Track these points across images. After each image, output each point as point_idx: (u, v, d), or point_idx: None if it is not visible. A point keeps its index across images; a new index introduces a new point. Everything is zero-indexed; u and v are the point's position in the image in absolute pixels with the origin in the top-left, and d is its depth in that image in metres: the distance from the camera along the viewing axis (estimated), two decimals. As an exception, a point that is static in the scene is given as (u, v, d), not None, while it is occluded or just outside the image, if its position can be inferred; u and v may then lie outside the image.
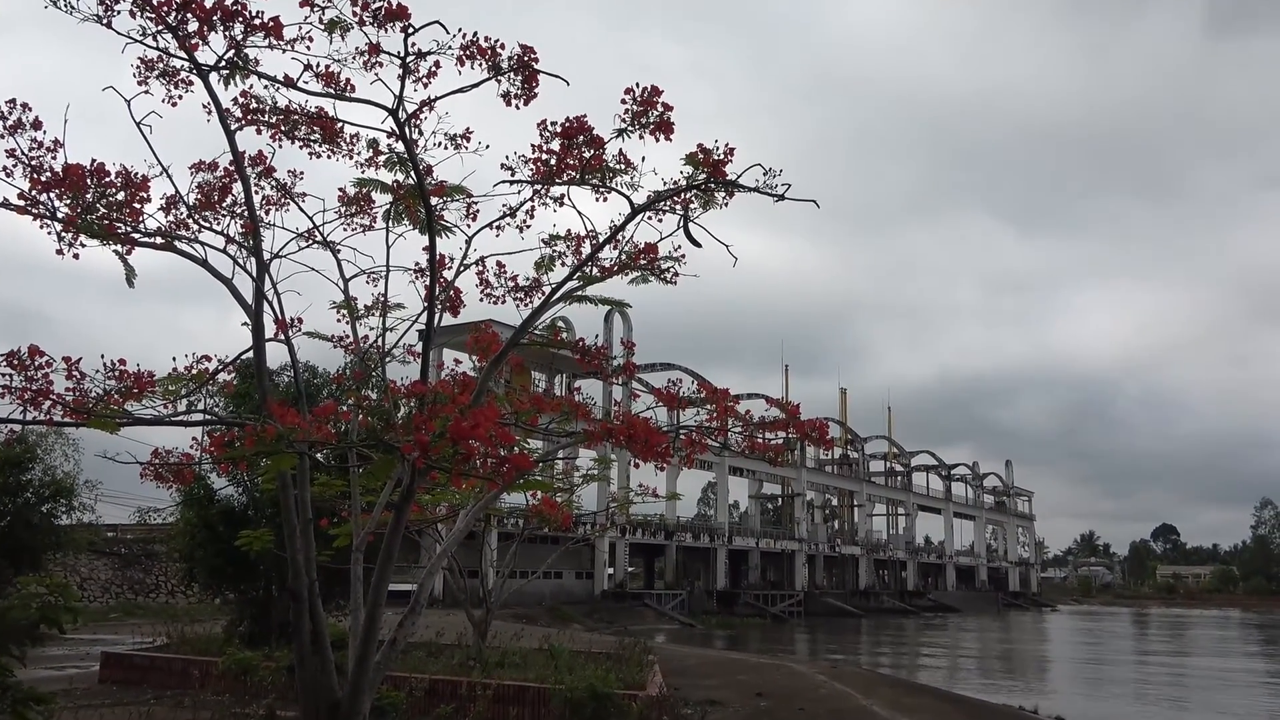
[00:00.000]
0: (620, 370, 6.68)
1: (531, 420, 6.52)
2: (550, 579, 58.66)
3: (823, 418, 6.94)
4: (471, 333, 7.34)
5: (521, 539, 14.41)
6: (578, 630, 47.67)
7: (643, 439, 4.50)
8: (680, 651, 24.48)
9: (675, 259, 6.57)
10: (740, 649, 40.46)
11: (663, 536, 69.22)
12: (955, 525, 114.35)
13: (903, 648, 48.85)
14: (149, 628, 25.09)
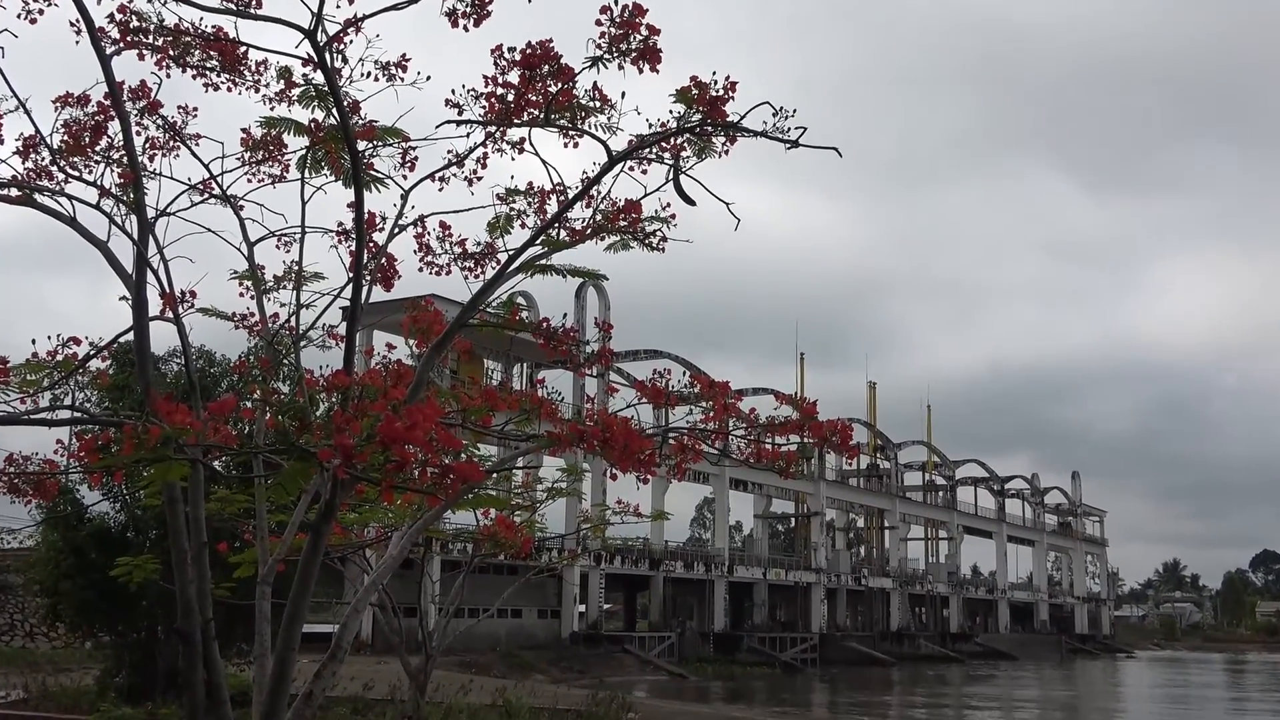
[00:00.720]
0: (595, 358, 6.70)
1: (483, 420, 6.53)
2: (507, 618, 58.77)
3: (846, 418, 6.98)
4: (408, 310, 7.33)
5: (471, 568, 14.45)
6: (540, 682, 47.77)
7: (622, 444, 4.52)
8: (668, 709, 24.66)
9: (663, 220, 6.58)
10: (743, 705, 40.65)
11: (647, 565, 69.43)
12: (1010, 552, 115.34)
13: (943, 705, 49.27)
14: (1, 679, 24.99)
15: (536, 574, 19.06)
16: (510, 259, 6.01)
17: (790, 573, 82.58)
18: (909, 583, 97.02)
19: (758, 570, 79.95)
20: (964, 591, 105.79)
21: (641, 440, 4.67)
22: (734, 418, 7.36)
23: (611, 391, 7.52)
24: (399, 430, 3.22)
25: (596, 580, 63.94)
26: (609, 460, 4.71)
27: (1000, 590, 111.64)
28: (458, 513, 12.18)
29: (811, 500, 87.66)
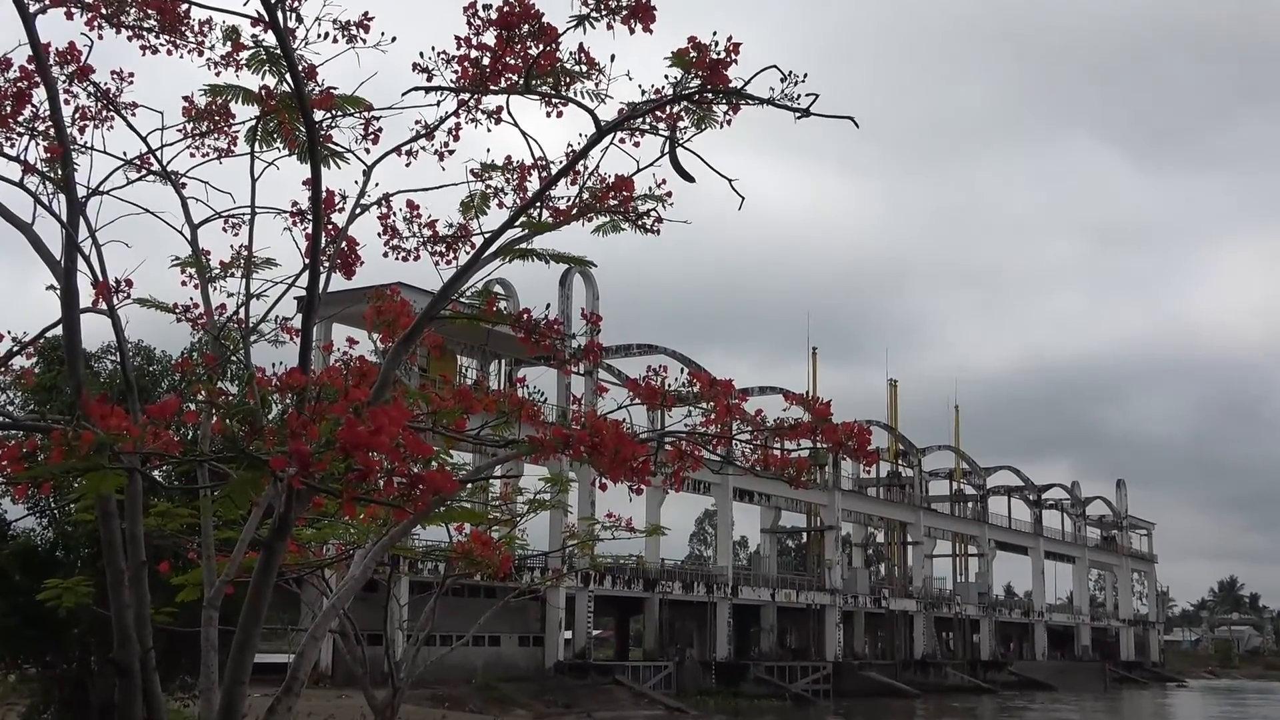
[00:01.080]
0: (581, 354, 6.70)
1: (457, 424, 6.53)
2: (484, 646, 58.83)
3: (864, 421, 6.99)
4: (372, 301, 7.32)
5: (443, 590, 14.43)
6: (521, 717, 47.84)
7: (612, 449, 4.53)
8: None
9: (658, 198, 6.58)
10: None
11: (641, 587, 69.54)
12: (1048, 570, 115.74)
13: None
14: (-84, 716, 24.97)
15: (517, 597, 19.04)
16: (486, 242, 6.00)
17: (802, 594, 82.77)
18: (935, 605, 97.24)
19: (765, 591, 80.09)
20: (996, 614, 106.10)
21: (634, 445, 4.67)
22: (738, 420, 7.36)
23: (600, 391, 7.53)
24: (362, 435, 3.22)
25: (584, 603, 64.02)
26: (598, 468, 4.71)
27: (1037, 613, 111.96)
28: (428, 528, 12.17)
29: (825, 513, 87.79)
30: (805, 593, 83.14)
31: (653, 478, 6.14)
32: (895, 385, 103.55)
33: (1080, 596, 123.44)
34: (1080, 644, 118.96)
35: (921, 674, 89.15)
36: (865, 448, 6.83)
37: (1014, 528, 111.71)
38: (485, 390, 7.33)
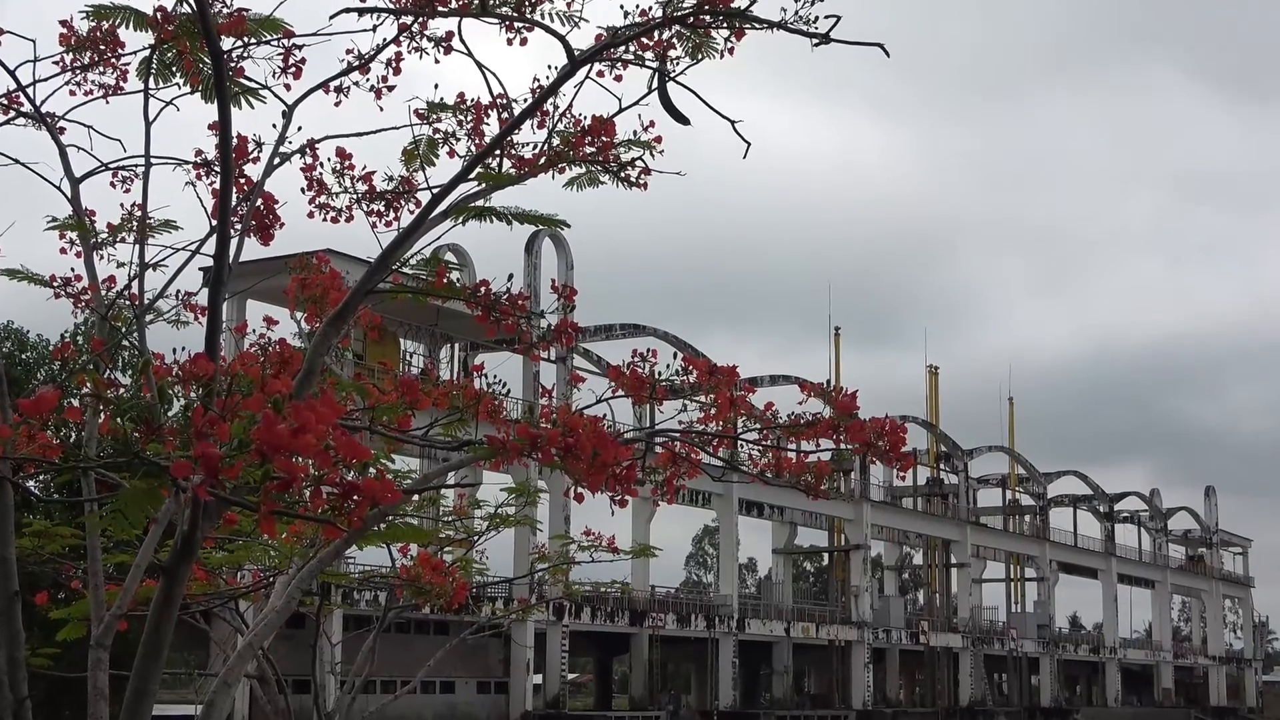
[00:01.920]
0: (552, 336, 6.70)
1: (400, 422, 6.52)
2: (435, 693, 58.94)
3: (898, 416, 7.01)
4: (294, 272, 7.31)
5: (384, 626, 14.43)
6: (482, 780, 47.93)
7: (590, 452, 4.53)
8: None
9: (644, 145, 6.57)
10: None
11: (627, 620, 69.69)
12: (1122, 596, 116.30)
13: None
14: None
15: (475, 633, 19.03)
16: (434, 199, 5.98)
17: (823, 628, 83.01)
18: (985, 640, 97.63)
19: (778, 625, 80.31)
20: (1059, 651, 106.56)
21: (617, 447, 4.67)
22: (744, 416, 7.37)
23: (576, 381, 7.53)
24: (283, 435, 3.21)
25: (557, 640, 64.13)
26: (572, 475, 4.71)
27: (1109, 649, 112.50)
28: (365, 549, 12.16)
29: (851, 529, 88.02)
30: (827, 626, 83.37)
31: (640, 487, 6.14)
32: (936, 373, 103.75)
33: (1161, 629, 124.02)
34: (1161, 686, 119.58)
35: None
36: (899, 449, 6.83)
37: (1081, 546, 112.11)
38: (435, 381, 7.32)
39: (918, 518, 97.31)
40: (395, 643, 53.24)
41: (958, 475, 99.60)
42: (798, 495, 30.15)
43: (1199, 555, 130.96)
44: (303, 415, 3.19)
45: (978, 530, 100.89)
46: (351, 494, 3.32)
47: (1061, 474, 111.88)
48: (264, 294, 45.31)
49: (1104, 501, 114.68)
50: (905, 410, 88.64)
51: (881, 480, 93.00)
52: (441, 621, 56.44)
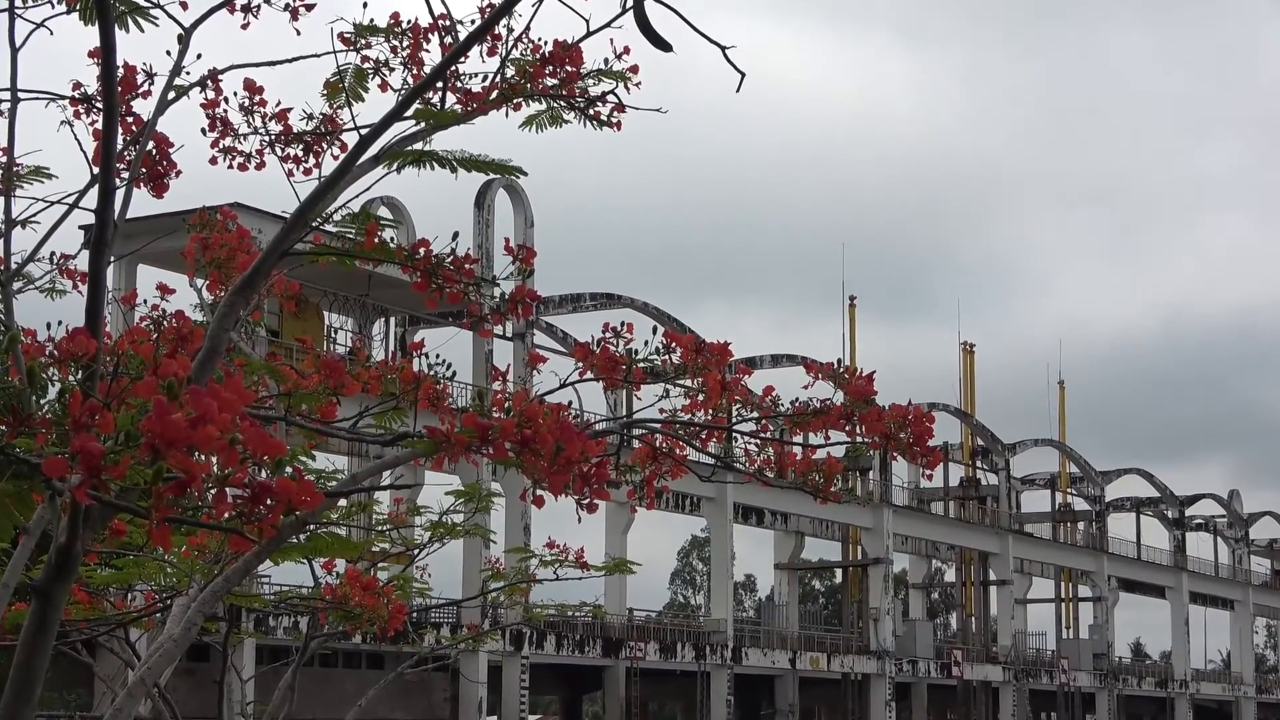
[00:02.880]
0: (506, 306, 6.71)
1: (323, 411, 6.53)
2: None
3: (924, 404, 7.04)
4: (194, 230, 7.30)
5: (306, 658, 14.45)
6: (425, 843, 48.02)
7: (552, 447, 4.53)
8: None
9: (617, 76, 6.58)
10: None
11: (600, 650, 69.91)
12: (1195, 619, 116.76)
13: None
14: None
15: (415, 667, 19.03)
16: (363, 142, 5.98)
17: (836, 658, 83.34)
18: (1030, 672, 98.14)
19: (782, 655, 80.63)
20: (1120, 685, 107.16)
21: (585, 441, 4.67)
22: (739, 403, 7.40)
23: (535, 362, 7.55)
24: (179, 426, 3.20)
25: (515, 675, 64.29)
26: (531, 475, 4.71)
27: (1179, 682, 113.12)
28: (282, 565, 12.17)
29: (869, 540, 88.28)
30: (840, 656, 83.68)
31: (613, 489, 6.14)
32: (971, 352, 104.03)
33: (1242, 658, 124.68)
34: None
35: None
36: (925, 442, 6.87)
37: (1145, 559, 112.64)
38: (365, 362, 7.34)
39: (949, 526, 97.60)
40: (319, 677, 53.35)
41: (997, 475, 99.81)
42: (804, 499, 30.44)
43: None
44: (203, 402, 3.19)
45: (1021, 541, 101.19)
46: (263, 497, 3.32)
47: (1122, 473, 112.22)
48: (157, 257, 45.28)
49: (1173, 506, 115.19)
50: (934, 397, 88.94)
51: (906, 481, 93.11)
52: (375, 653, 56.59)
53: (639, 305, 66.80)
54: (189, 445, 3.17)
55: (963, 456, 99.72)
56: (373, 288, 54.23)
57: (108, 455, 3.26)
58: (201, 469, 3.29)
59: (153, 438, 3.20)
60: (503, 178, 7.08)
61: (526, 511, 60.74)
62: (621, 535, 76.86)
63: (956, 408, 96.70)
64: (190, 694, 47.78)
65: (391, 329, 63.14)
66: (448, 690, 62.23)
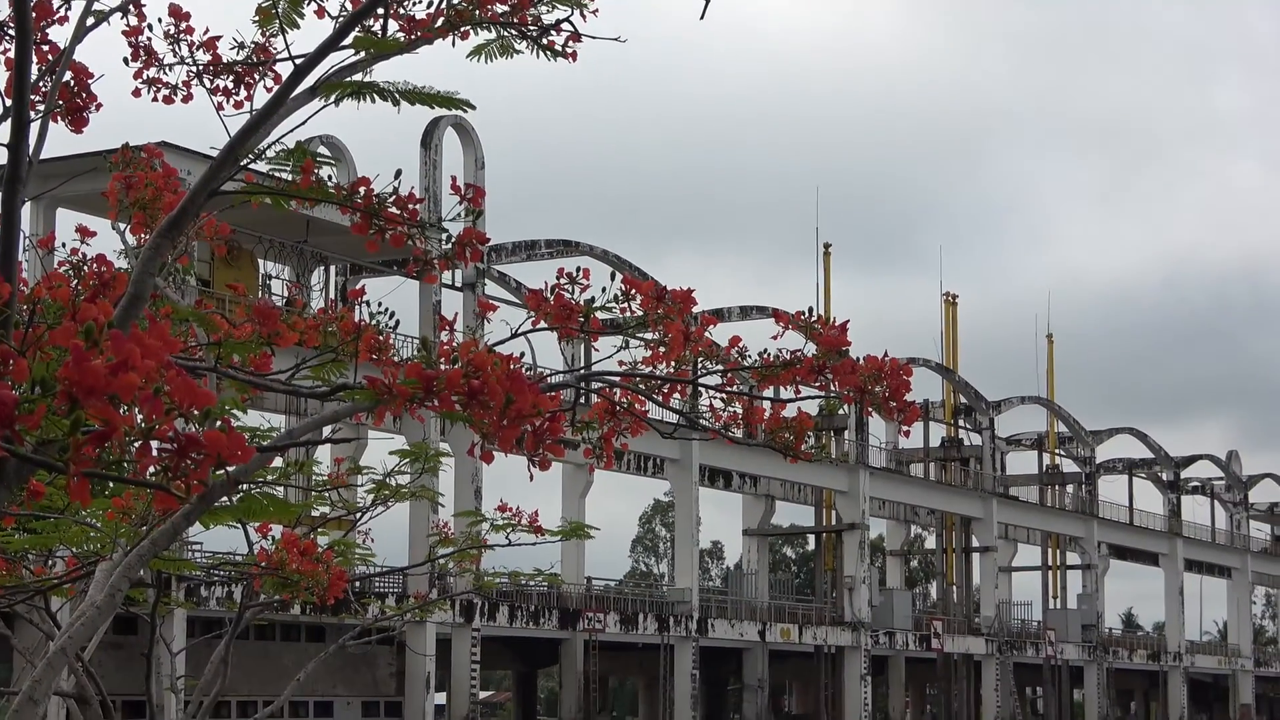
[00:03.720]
0: (454, 250, 6.68)
1: (256, 362, 6.51)
2: (309, 716, 59.09)
3: (903, 359, 7.04)
4: (116, 169, 7.26)
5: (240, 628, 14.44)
6: (369, 827, 48.19)
7: (502, 400, 4.52)
8: None
9: (572, 2, 6.55)
10: None
11: (556, 622, 70.07)
12: (1190, 588, 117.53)
13: None
14: None
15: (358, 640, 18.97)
16: (298, 72, 5.95)
17: (808, 630, 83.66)
18: (1015, 644, 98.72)
19: (750, 627, 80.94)
20: (1110, 658, 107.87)
21: (537, 394, 4.66)
22: (704, 356, 7.40)
23: (485, 310, 7.52)
24: (98, 374, 3.18)
25: (466, 648, 64.37)
26: (479, 430, 4.69)
27: (1172, 654, 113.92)
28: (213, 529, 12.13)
29: (844, 504, 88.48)
30: (813, 628, 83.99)
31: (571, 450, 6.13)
32: (954, 304, 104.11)
33: (1239, 629, 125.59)
34: (1239, 702, 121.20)
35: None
36: (902, 396, 6.89)
37: (1138, 524, 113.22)
38: (301, 311, 7.32)
39: (930, 489, 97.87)
40: (255, 651, 53.31)
41: (981, 434, 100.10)
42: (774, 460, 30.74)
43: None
44: (125, 348, 3.16)
45: (1006, 505, 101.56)
46: (190, 451, 3.30)
47: (1114, 432, 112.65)
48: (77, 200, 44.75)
49: (1168, 468, 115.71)
50: (915, 351, 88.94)
51: (884, 441, 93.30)
52: (316, 625, 56.58)
53: (598, 253, 66.69)
54: (109, 394, 3.14)
55: (944, 415, 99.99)
56: (311, 233, 54.10)
57: (21, 404, 3.23)
58: (124, 421, 3.27)
59: (70, 385, 3.18)
60: (451, 115, 7.05)
61: (478, 474, 60.78)
62: (579, 499, 76.94)
63: (938, 363, 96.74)
64: (117, 669, 47.70)
65: (332, 278, 62.90)
66: (393, 664, 62.29)
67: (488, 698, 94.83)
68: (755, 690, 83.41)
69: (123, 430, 3.25)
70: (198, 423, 3.41)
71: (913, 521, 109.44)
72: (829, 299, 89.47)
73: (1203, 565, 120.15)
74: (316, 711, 59.31)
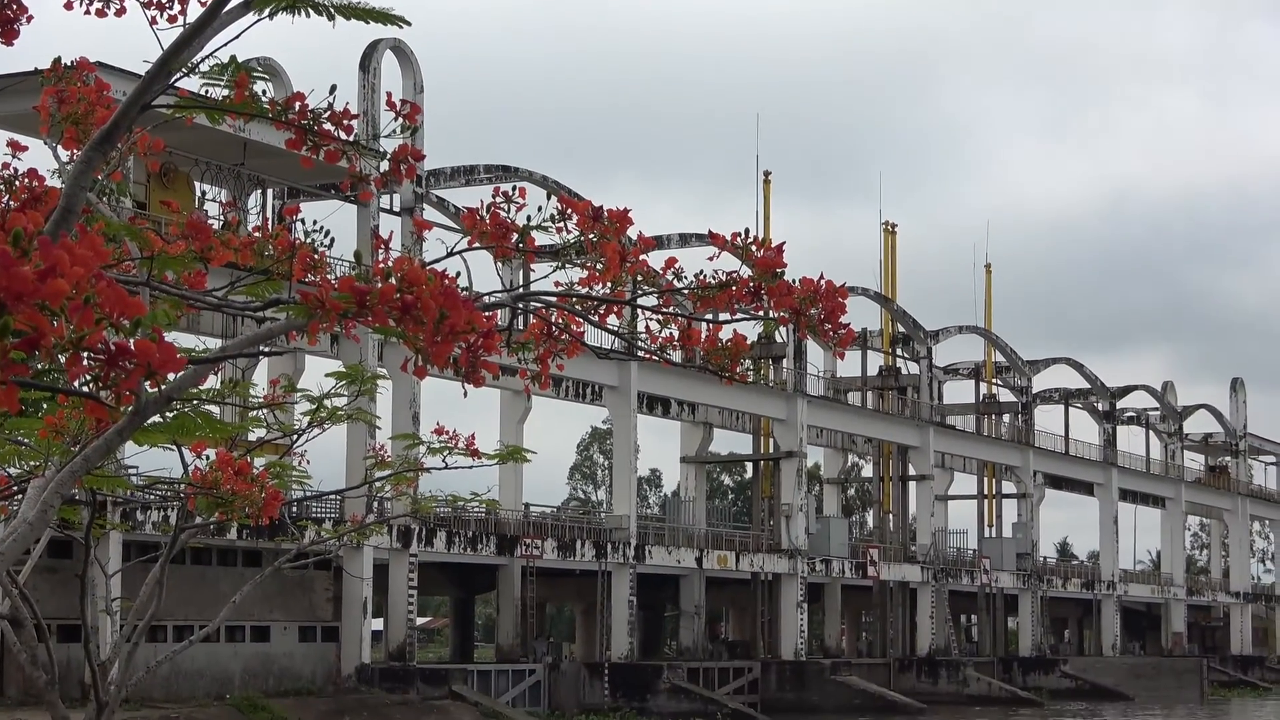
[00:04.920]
0: (389, 167, 6.65)
1: (190, 280, 6.48)
2: (244, 640, 59.21)
3: (841, 285, 7.01)
4: (48, 83, 7.19)
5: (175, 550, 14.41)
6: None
7: (435, 315, 4.52)
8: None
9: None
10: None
11: (494, 548, 70.20)
12: (1124, 517, 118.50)
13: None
14: None
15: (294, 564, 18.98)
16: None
17: (745, 557, 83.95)
18: (950, 572, 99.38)
19: (688, 554, 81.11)
20: (1044, 587, 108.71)
21: (471, 309, 4.66)
22: (641, 278, 7.40)
23: (422, 229, 7.49)
24: (25, 279, 3.15)
25: (403, 574, 64.40)
26: (412, 345, 4.68)
27: (1106, 583, 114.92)
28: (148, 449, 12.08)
29: (782, 431, 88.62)
30: (750, 555, 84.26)
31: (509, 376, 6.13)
32: (893, 232, 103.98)
33: (1172, 559, 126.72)
34: (1170, 630, 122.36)
35: (929, 678, 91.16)
36: (838, 319, 6.88)
37: (1073, 454, 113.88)
38: (236, 227, 7.29)
39: (867, 417, 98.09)
40: (191, 576, 53.26)
41: (919, 363, 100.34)
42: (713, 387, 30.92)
43: (1222, 466, 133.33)
44: (54, 254, 3.14)
45: (943, 433, 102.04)
46: (120, 360, 3.29)
47: (1051, 362, 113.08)
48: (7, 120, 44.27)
49: (1104, 398, 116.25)
50: (855, 281, 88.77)
51: (822, 370, 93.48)
52: (252, 550, 56.53)
53: (538, 179, 66.33)
54: (38, 300, 3.12)
55: (882, 344, 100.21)
56: (248, 156, 53.61)
57: (-50, 314, 3.21)
58: (54, 331, 3.25)
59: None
60: (390, 39, 7.01)
61: (415, 399, 60.75)
62: (517, 425, 76.96)
63: (876, 292, 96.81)
64: (52, 594, 47.58)
65: (269, 202, 62.43)
66: (330, 589, 62.26)
67: (425, 623, 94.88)
68: (692, 617, 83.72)
69: (52, 339, 3.23)
70: (128, 333, 3.40)
71: (850, 450, 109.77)
72: (769, 228, 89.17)
73: (1137, 495, 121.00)
74: (253, 636, 59.27)
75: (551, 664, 71.31)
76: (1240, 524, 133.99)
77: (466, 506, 26.59)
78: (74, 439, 7.94)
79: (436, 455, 13.87)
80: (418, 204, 61.16)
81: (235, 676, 57.54)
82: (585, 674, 71.94)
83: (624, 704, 69.85)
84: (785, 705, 77.49)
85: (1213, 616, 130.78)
